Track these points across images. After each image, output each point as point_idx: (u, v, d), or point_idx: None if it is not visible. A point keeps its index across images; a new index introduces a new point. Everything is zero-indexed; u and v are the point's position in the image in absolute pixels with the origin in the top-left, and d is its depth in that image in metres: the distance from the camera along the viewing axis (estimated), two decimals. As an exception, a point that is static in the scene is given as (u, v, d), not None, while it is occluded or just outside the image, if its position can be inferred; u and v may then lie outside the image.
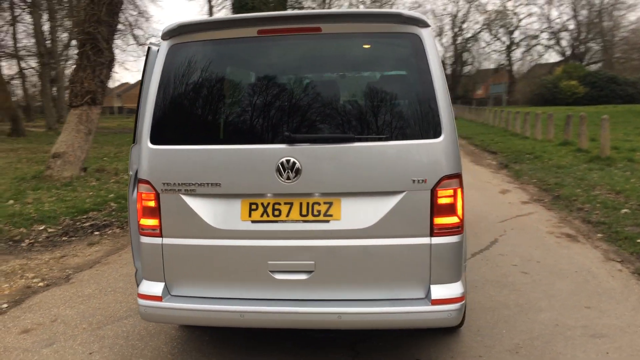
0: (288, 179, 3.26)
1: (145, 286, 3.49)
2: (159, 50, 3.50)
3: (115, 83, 70.60)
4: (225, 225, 3.36)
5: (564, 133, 16.70)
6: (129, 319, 4.50)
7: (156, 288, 3.45)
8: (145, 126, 3.45)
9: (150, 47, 3.75)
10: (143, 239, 3.50)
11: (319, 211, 3.31)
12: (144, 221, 3.48)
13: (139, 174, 3.48)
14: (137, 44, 32.54)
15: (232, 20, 3.37)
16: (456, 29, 65.16)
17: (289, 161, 3.25)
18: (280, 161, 3.25)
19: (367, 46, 3.41)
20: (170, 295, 3.46)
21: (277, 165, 3.26)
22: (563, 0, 69.42)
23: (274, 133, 3.30)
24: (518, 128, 21.56)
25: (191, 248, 3.40)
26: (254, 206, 3.35)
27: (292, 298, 3.33)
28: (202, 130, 3.43)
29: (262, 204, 3.34)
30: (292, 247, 3.31)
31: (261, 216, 3.33)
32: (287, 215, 3.32)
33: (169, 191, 3.40)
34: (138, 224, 3.52)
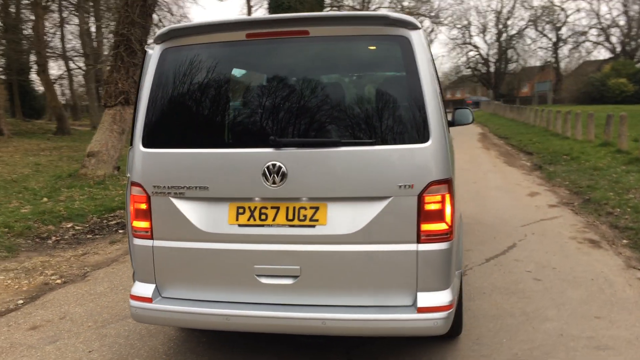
0: (274, 183, 3.25)
1: (136, 287, 3.55)
2: (152, 54, 3.55)
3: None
4: (213, 229, 3.38)
5: (604, 133, 16.17)
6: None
7: (147, 289, 3.50)
8: (137, 129, 3.51)
9: (147, 51, 3.81)
10: (135, 241, 3.56)
11: (305, 216, 3.29)
12: (136, 223, 3.54)
13: (131, 177, 3.54)
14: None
15: (222, 24, 3.39)
16: (500, 26, 63.94)
17: (274, 165, 3.25)
18: (266, 165, 3.25)
19: (372, 47, 3.36)
20: (161, 297, 3.51)
21: (263, 170, 3.26)
22: (613, -4, 67.23)
23: (261, 137, 3.30)
24: (559, 128, 20.99)
25: (180, 251, 3.44)
26: (241, 210, 3.36)
27: (277, 302, 3.33)
28: (191, 134, 3.46)
29: (249, 207, 3.35)
30: (278, 251, 3.30)
31: (248, 220, 3.34)
32: (273, 220, 3.32)
33: (159, 194, 3.44)
34: (130, 226, 3.58)
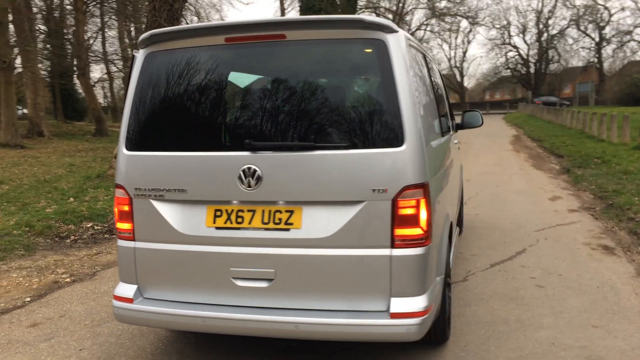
0: (249, 186, 3.28)
1: (119, 288, 3.62)
2: (137, 59, 3.61)
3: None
4: (191, 231, 3.42)
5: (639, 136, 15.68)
6: (130, 317, 4.66)
7: (129, 290, 3.57)
8: (121, 133, 3.58)
9: (134, 55, 3.87)
10: (119, 242, 3.64)
11: (280, 219, 3.30)
12: (119, 225, 3.61)
13: (116, 179, 3.61)
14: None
15: (201, 28, 3.43)
16: (541, 26, 62.68)
17: (250, 169, 3.27)
18: (242, 169, 3.28)
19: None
20: (142, 297, 3.57)
21: (239, 173, 3.28)
22: (660, -7, 65.05)
23: (237, 140, 3.32)
24: (594, 130, 20.42)
25: (160, 252, 3.50)
26: (218, 212, 3.39)
27: (252, 305, 3.35)
28: (170, 138, 3.51)
29: (226, 210, 3.37)
30: (253, 254, 3.32)
31: (225, 223, 3.37)
32: (249, 223, 3.34)
33: (140, 196, 3.51)
34: (115, 227, 3.66)
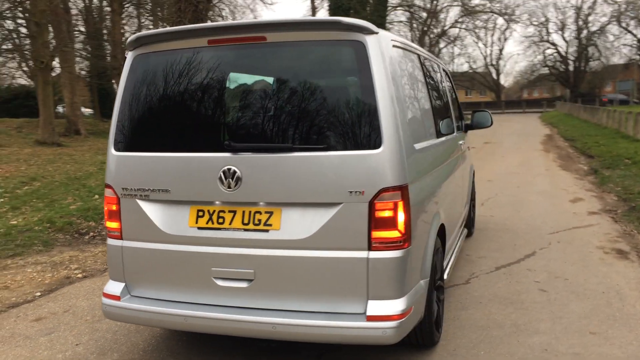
0: (229, 187, 3.31)
1: (108, 285, 3.71)
2: (126, 61, 3.69)
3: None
4: (174, 231, 3.48)
5: (675, 136, 15.18)
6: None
7: (117, 288, 3.65)
8: (110, 133, 3.66)
9: (127, 57, 3.95)
10: (108, 241, 3.73)
11: (259, 220, 3.33)
12: (108, 224, 3.70)
13: (105, 179, 3.69)
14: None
15: (185, 31, 3.48)
16: (580, 22, 61.18)
17: (230, 170, 3.30)
18: (222, 170, 3.31)
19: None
20: (130, 295, 3.64)
21: (219, 174, 3.32)
22: None
23: (218, 142, 3.36)
24: (630, 130, 19.85)
25: (146, 251, 3.56)
26: (200, 213, 3.44)
27: (232, 305, 3.39)
28: (155, 138, 3.58)
29: (208, 211, 3.42)
30: (233, 254, 3.36)
31: (207, 223, 3.42)
32: (230, 223, 3.37)
33: (127, 196, 3.58)
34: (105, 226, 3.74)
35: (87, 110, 38.84)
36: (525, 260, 5.98)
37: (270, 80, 3.41)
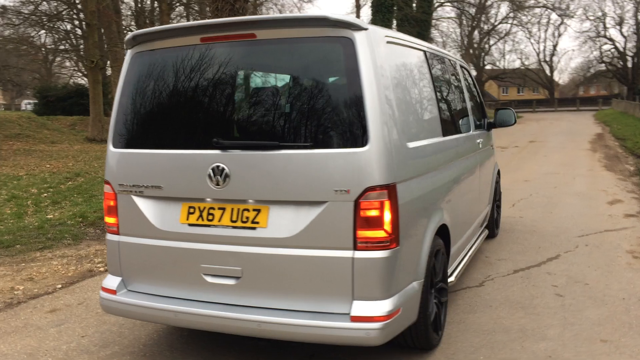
0: (217, 184, 3.32)
1: (106, 279, 3.78)
2: (125, 59, 3.75)
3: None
4: (166, 227, 3.52)
5: None
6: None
7: (114, 282, 3.72)
8: (109, 130, 3.73)
9: (126, 55, 4.02)
10: (107, 236, 3.80)
11: (247, 218, 3.33)
12: (107, 219, 3.77)
13: (105, 175, 3.77)
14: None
15: (178, 29, 3.51)
16: (640, 17, 58.67)
17: (218, 167, 3.31)
18: (211, 167, 3.33)
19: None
20: (126, 290, 3.70)
21: (209, 171, 3.33)
22: None
23: (208, 139, 3.37)
24: (686, 129, 18.97)
25: (140, 246, 3.62)
26: (191, 209, 3.46)
27: (221, 302, 3.40)
28: (149, 135, 3.63)
29: (199, 207, 3.44)
30: (222, 252, 3.37)
31: (197, 220, 3.44)
32: (219, 220, 3.39)
33: (123, 192, 3.64)
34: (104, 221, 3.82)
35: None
36: (546, 264, 5.78)
37: (258, 78, 3.39)
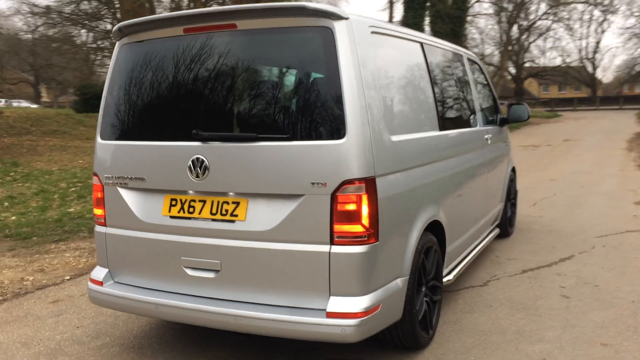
0: (197, 176, 3.29)
1: (94, 271, 3.80)
2: (114, 51, 3.75)
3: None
4: (149, 219, 3.51)
5: None
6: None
7: (101, 273, 3.74)
8: (98, 122, 3.75)
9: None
10: (95, 227, 3.81)
11: (226, 210, 3.29)
12: (95, 210, 3.79)
13: (93, 167, 3.79)
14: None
15: (162, 19, 3.50)
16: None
17: (198, 159, 3.28)
18: (192, 159, 3.30)
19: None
20: (113, 281, 3.71)
21: (189, 163, 3.31)
22: None
23: (188, 131, 3.34)
24: None
25: (125, 238, 3.62)
26: (173, 202, 3.45)
27: (201, 295, 3.37)
28: (134, 127, 3.63)
29: (180, 200, 3.42)
30: (201, 244, 3.34)
31: (178, 212, 3.42)
32: (199, 213, 3.36)
33: (109, 184, 3.65)
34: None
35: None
36: (558, 264, 5.58)
37: (239, 69, 3.34)
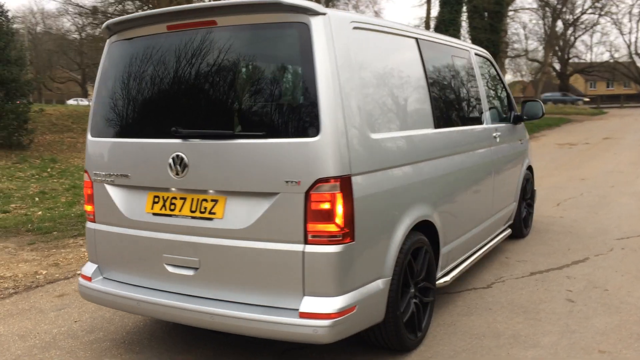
0: (177, 174, 3.30)
1: (85, 266, 3.86)
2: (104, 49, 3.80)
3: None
4: (133, 215, 3.54)
5: None
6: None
7: (90, 269, 3.80)
8: (89, 120, 3.80)
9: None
10: (86, 223, 3.87)
11: (205, 208, 3.30)
12: (85, 207, 3.85)
13: (85, 165, 3.84)
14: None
15: (145, 17, 3.52)
16: None
17: (178, 156, 3.29)
18: (172, 156, 3.31)
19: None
20: (102, 277, 3.76)
21: (169, 160, 3.32)
22: None
23: (170, 128, 3.35)
24: None
25: (112, 235, 3.67)
26: (156, 199, 3.47)
27: (181, 292, 3.38)
28: (119, 124, 3.67)
29: (162, 197, 3.44)
30: (181, 242, 3.35)
31: (160, 209, 3.44)
32: (180, 210, 3.37)
33: (98, 180, 3.70)
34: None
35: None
36: (570, 267, 5.39)
37: (218, 65, 3.32)
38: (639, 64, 62.03)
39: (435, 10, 24.98)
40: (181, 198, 3.38)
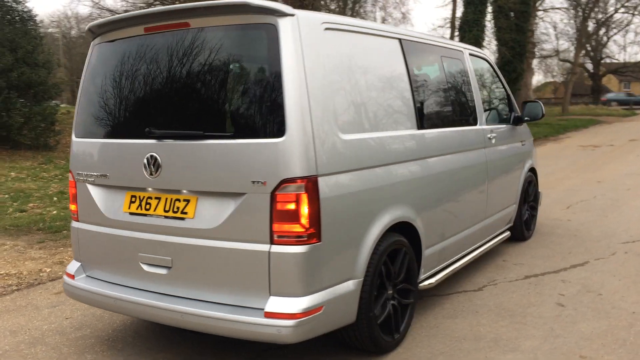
0: (151, 174, 3.36)
1: (70, 264, 3.95)
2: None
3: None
4: (112, 215, 3.61)
5: None
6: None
7: (73, 267, 3.89)
8: (74, 120, 3.89)
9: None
10: (72, 222, 3.95)
11: (178, 208, 3.35)
12: (70, 206, 3.94)
13: (69, 165, 3.94)
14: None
15: (124, 19, 3.60)
16: None
17: (152, 156, 3.35)
18: (146, 156, 3.37)
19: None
20: (85, 275, 3.84)
21: (144, 160, 3.38)
22: None
23: (144, 128, 3.41)
24: None
25: (92, 233, 3.75)
26: (133, 198, 3.53)
27: (155, 291, 3.44)
28: (100, 125, 3.75)
29: (139, 197, 3.51)
30: (155, 241, 3.41)
31: (137, 209, 3.51)
32: (154, 210, 3.43)
33: (80, 180, 3.79)
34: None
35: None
36: (567, 271, 5.29)
37: (190, 67, 3.36)
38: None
39: (460, 11, 24.62)
40: (156, 198, 3.44)
